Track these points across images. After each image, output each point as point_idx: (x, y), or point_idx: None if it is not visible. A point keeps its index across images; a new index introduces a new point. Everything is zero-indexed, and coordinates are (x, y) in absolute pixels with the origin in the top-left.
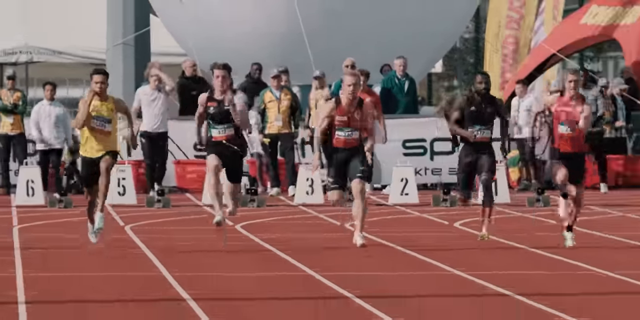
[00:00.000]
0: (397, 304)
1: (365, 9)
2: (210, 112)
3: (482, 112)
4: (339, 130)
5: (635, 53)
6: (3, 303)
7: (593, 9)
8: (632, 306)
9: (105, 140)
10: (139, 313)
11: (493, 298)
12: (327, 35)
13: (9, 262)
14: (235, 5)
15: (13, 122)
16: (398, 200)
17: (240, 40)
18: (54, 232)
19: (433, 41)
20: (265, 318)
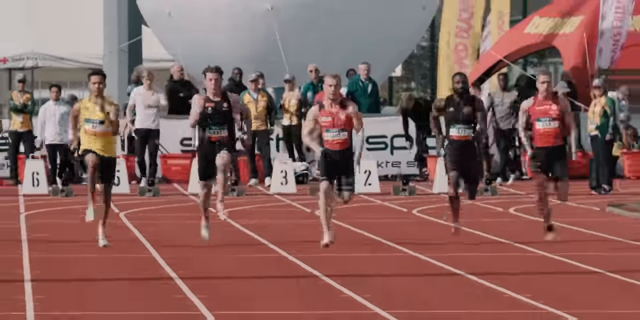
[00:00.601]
0: (362, 282)
1: (332, 20)
2: (208, 112)
3: (461, 111)
4: (327, 132)
5: (573, 59)
6: (12, 281)
7: (535, 20)
8: (569, 283)
9: (101, 141)
10: (132, 290)
11: (447, 277)
12: (299, 44)
13: (16, 244)
14: (217, 18)
15: (22, 121)
16: (362, 190)
17: (222, 48)
18: (56, 218)
19: (393, 48)
20: (243, 295)
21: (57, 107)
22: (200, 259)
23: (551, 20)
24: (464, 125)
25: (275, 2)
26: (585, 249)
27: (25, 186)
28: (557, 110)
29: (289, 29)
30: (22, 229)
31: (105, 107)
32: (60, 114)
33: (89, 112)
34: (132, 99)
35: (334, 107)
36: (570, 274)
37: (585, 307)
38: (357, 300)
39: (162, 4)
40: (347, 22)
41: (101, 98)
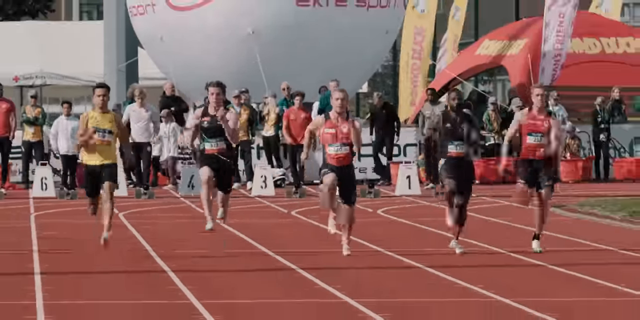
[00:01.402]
0: (334, 274)
1: (307, 43)
2: (204, 126)
3: (457, 128)
4: (329, 146)
5: (519, 77)
6: (23, 273)
7: (485, 42)
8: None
9: (105, 150)
10: (129, 282)
11: (410, 270)
12: (277, 64)
13: (27, 242)
14: (204, 42)
15: (34, 132)
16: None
17: (209, 68)
18: (63, 218)
19: (360, 68)
20: (228, 286)
21: (69, 122)
22: (190, 254)
23: (500, 42)
24: (460, 142)
25: (256, 26)
26: (528, 244)
27: (35, 190)
28: (550, 126)
29: (268, 50)
30: (32, 228)
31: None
32: (71, 128)
33: (96, 122)
34: (126, 115)
35: (340, 121)
36: (517, 266)
37: (531, 295)
38: (329, 291)
39: (156, 29)
40: (320, 44)
41: (105, 110)
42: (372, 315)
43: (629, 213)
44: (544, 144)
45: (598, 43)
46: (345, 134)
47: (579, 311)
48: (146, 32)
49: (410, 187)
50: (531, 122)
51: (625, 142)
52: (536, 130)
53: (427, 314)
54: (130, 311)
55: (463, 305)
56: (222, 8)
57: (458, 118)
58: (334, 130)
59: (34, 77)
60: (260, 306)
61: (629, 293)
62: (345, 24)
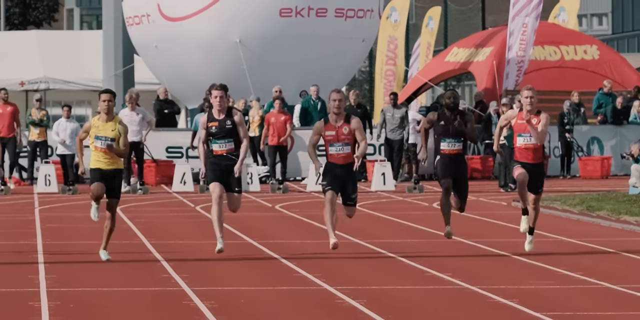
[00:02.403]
0: (314, 264)
1: (289, 50)
2: (212, 131)
3: (451, 126)
4: (331, 146)
5: (485, 82)
6: (27, 263)
7: (454, 50)
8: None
9: (110, 156)
10: (125, 270)
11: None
12: (262, 70)
13: (31, 233)
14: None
15: (39, 132)
16: (313, 188)
17: (199, 74)
18: (64, 211)
19: (338, 73)
20: (216, 273)
21: (68, 124)
22: (182, 244)
23: (467, 50)
24: (454, 139)
25: (243, 36)
26: (494, 236)
27: (39, 186)
28: (538, 122)
29: (254, 58)
30: (36, 220)
31: (117, 127)
32: (70, 130)
33: (99, 130)
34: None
35: (339, 122)
36: (483, 256)
37: (495, 283)
38: (309, 278)
39: (150, 38)
40: (301, 52)
41: (110, 116)
42: (349, 301)
43: (586, 207)
44: (534, 144)
45: (558, 51)
46: (347, 135)
47: (538, 297)
48: (141, 41)
49: (385, 184)
50: (520, 122)
51: (583, 142)
52: (526, 130)
53: (399, 299)
54: (127, 297)
55: (433, 292)
56: (211, 18)
57: (452, 116)
58: (334, 132)
59: (39, 82)
60: (247, 293)
61: (586, 281)
62: (325, 33)
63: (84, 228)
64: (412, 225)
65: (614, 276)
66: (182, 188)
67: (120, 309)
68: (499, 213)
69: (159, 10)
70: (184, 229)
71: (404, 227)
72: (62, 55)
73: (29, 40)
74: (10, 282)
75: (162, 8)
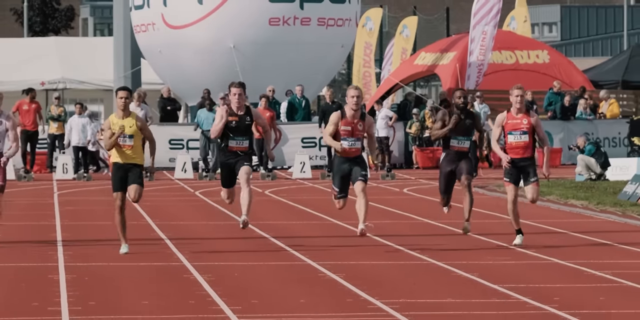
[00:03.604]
0: (299, 241)
1: (278, 55)
2: (231, 125)
3: (461, 124)
4: (344, 140)
5: (449, 82)
6: (47, 241)
7: (422, 54)
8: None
9: (131, 152)
10: (131, 248)
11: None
12: (253, 72)
13: (51, 215)
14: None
15: (57, 127)
16: (299, 176)
17: (198, 75)
18: (80, 196)
19: (320, 75)
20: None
21: (80, 120)
22: (183, 225)
23: (434, 55)
24: (464, 137)
25: (237, 42)
26: (455, 218)
27: (58, 173)
28: (528, 124)
29: (246, 61)
30: (55, 204)
31: (134, 123)
32: (82, 124)
33: (117, 127)
34: None
35: (355, 118)
36: (447, 235)
37: (457, 259)
38: (294, 255)
39: (155, 44)
40: (288, 56)
41: (127, 112)
42: (330, 275)
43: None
44: (525, 141)
45: (513, 55)
46: (361, 131)
47: (496, 271)
48: (147, 46)
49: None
50: (510, 122)
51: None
52: (516, 128)
53: (373, 273)
54: (135, 271)
55: (403, 267)
56: (209, 27)
57: (462, 115)
58: (350, 128)
59: (57, 82)
60: (240, 267)
61: (538, 257)
62: (309, 40)
63: (98, 210)
64: (385, 208)
65: (562, 253)
66: (183, 175)
67: (128, 281)
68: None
69: (163, 19)
70: (185, 211)
71: (379, 209)
72: (78, 58)
73: (48, 45)
74: (33, 258)
75: (165, 17)
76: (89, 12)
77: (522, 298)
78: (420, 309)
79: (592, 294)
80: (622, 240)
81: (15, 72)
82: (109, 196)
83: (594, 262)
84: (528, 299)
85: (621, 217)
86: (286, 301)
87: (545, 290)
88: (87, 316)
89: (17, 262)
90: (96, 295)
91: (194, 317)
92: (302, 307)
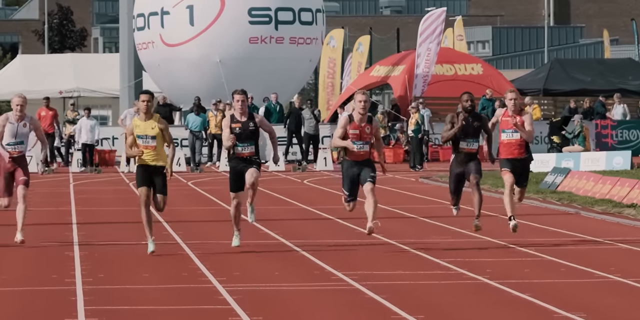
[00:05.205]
0: (274, 224)
1: (257, 68)
2: (235, 132)
3: (469, 126)
4: (353, 144)
5: (399, 91)
6: (63, 223)
7: (377, 67)
8: (403, 225)
9: (154, 154)
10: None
11: (322, 221)
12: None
13: (66, 202)
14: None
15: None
16: (274, 169)
17: (190, 85)
18: (92, 186)
19: (292, 84)
20: (205, 231)
21: (88, 121)
22: (176, 210)
23: (387, 67)
24: (473, 139)
25: (222, 57)
26: (405, 203)
27: (73, 167)
28: (521, 120)
29: (230, 73)
30: (71, 192)
31: (156, 125)
32: (90, 126)
33: (140, 129)
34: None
35: (363, 122)
36: (398, 218)
37: (407, 238)
38: (270, 234)
39: (154, 59)
40: (265, 69)
41: (149, 115)
42: (300, 251)
43: None
44: (517, 139)
45: (453, 68)
46: (369, 134)
47: (439, 248)
48: (148, 61)
49: (326, 164)
50: (504, 120)
51: None
52: (509, 127)
53: (337, 250)
54: (137, 249)
55: (362, 245)
56: (199, 45)
57: (470, 118)
58: (358, 131)
59: (73, 91)
60: (224, 245)
61: (472, 236)
62: (282, 55)
63: (108, 198)
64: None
65: (493, 233)
66: (177, 169)
67: (132, 257)
68: (410, 186)
69: (161, 38)
70: (179, 198)
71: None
72: (90, 71)
73: (65, 60)
74: (50, 237)
75: (163, 37)
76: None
77: (460, 270)
78: (375, 279)
79: (518, 266)
80: (542, 222)
81: (38, 83)
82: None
83: (519, 240)
84: (464, 271)
85: (542, 202)
86: (263, 273)
87: (479, 264)
88: (97, 286)
89: (39, 241)
90: (105, 268)
91: (186, 286)
92: (276, 277)
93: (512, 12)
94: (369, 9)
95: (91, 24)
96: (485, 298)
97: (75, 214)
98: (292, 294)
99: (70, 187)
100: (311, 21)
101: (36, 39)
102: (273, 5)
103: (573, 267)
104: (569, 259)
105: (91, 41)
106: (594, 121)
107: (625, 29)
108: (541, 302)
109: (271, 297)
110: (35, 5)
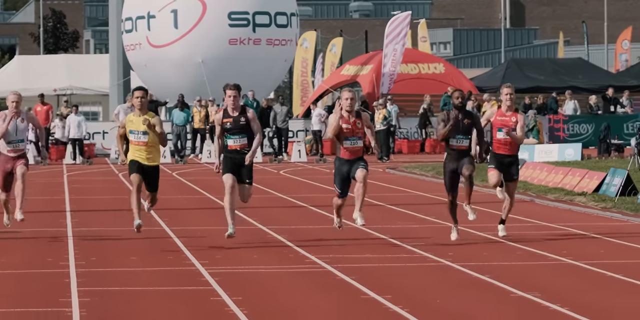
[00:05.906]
0: (252, 211)
1: (236, 67)
2: (227, 127)
3: (460, 124)
4: (346, 140)
5: (367, 88)
6: (57, 211)
7: (347, 66)
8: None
9: (145, 151)
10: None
11: (299, 208)
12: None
13: (61, 191)
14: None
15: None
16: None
17: (174, 83)
18: (84, 176)
19: (268, 83)
20: (191, 219)
21: (75, 118)
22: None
23: (356, 67)
24: (463, 136)
25: (204, 58)
26: (373, 191)
27: (67, 159)
28: (516, 122)
29: (211, 73)
30: (64, 182)
31: (150, 120)
32: (77, 121)
33: (133, 125)
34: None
35: (351, 118)
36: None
37: (375, 224)
38: (248, 220)
39: (141, 59)
40: (243, 68)
41: (144, 111)
42: (277, 237)
43: (436, 172)
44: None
45: (417, 67)
46: (360, 128)
47: (404, 233)
48: (135, 61)
49: (300, 157)
50: (499, 118)
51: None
52: (505, 125)
53: (310, 235)
54: (125, 234)
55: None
56: (182, 46)
57: (460, 115)
58: (350, 126)
59: (66, 89)
60: (209, 231)
61: (436, 222)
62: (260, 55)
63: (99, 187)
64: (318, 184)
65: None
66: (162, 160)
67: (120, 242)
68: (378, 176)
69: (147, 40)
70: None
71: (313, 186)
72: (82, 71)
73: (59, 61)
74: (45, 224)
75: (149, 39)
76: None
77: (424, 253)
78: (345, 262)
79: (478, 250)
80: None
81: (34, 82)
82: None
83: (481, 225)
84: (428, 254)
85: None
86: (243, 257)
87: (442, 248)
88: (89, 269)
89: (36, 227)
90: (96, 252)
91: (171, 269)
92: (255, 261)
93: (472, 16)
94: (340, 13)
95: (83, 27)
96: (448, 279)
97: (69, 202)
98: (269, 275)
99: (64, 177)
100: (286, 24)
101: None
102: (251, 9)
103: (528, 250)
104: (524, 243)
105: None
106: (547, 116)
107: (576, 30)
108: (499, 283)
109: (250, 279)
110: (31, 10)
